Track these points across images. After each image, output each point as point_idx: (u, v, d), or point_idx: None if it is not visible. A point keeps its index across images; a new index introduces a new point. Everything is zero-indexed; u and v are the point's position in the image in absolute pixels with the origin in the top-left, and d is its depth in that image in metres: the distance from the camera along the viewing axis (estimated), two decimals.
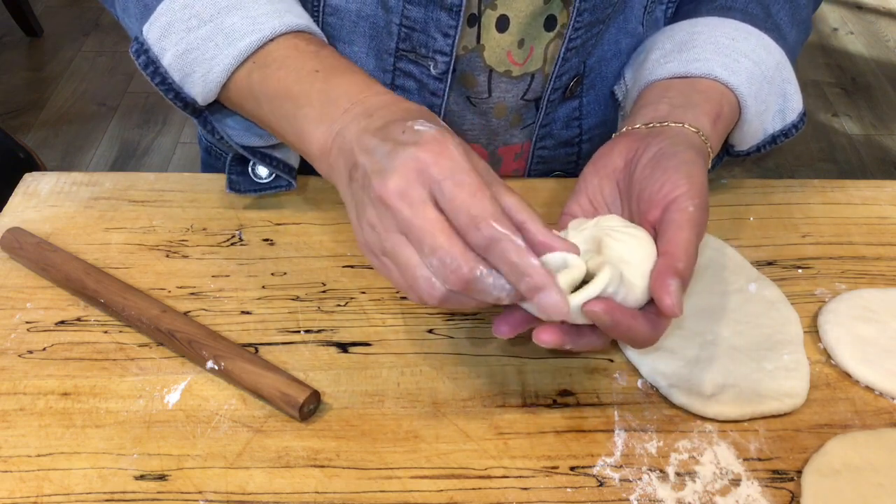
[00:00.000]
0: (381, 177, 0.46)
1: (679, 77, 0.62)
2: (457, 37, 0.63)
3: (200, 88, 0.58)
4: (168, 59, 0.58)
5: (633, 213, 0.54)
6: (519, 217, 0.46)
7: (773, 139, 0.68)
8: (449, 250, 0.44)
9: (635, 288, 0.48)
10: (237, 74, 0.57)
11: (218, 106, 0.62)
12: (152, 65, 0.58)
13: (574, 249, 0.46)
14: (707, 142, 0.57)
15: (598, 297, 0.46)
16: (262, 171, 0.67)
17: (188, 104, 0.60)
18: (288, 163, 0.66)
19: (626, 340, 0.49)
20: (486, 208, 0.44)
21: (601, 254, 0.49)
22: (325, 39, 0.60)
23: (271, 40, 0.56)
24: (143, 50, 0.59)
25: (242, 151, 0.63)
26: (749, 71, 0.62)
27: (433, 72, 0.66)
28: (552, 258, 0.46)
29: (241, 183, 0.67)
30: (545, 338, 0.47)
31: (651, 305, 0.49)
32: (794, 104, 0.67)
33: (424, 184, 0.45)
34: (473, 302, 0.46)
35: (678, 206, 0.50)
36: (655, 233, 0.51)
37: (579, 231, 0.52)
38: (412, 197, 0.45)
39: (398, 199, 0.45)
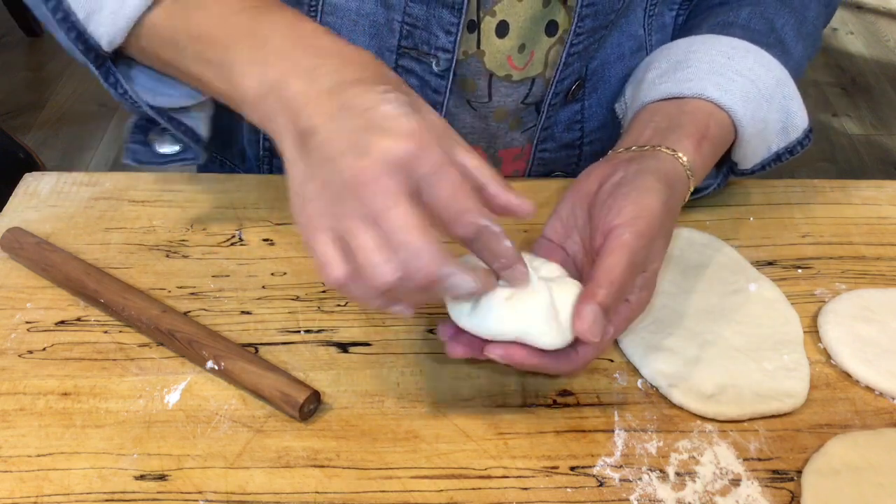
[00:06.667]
0: (357, 159, 0.43)
1: (672, 98, 0.62)
2: (459, 34, 0.63)
3: (108, 28, 0.53)
4: None
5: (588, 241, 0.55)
6: (480, 179, 0.47)
7: (778, 157, 0.67)
8: (420, 248, 0.42)
9: (553, 331, 0.49)
10: (154, 13, 0.53)
11: (124, 60, 0.58)
12: None
13: (526, 206, 0.48)
14: (685, 165, 0.57)
15: (503, 342, 0.49)
16: (164, 147, 0.61)
17: (91, 48, 0.54)
18: (196, 132, 0.61)
19: (542, 372, 0.51)
20: (469, 202, 0.44)
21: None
22: None
23: None
24: None
25: (149, 111, 0.58)
26: (744, 89, 0.61)
27: (435, 69, 0.66)
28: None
29: (142, 153, 0.61)
30: (498, 352, 0.49)
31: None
32: (798, 121, 0.65)
33: (403, 175, 0.43)
34: (419, 297, 0.46)
35: (615, 234, 0.50)
36: None
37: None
38: (388, 188, 0.42)
39: (372, 188, 0.42)
